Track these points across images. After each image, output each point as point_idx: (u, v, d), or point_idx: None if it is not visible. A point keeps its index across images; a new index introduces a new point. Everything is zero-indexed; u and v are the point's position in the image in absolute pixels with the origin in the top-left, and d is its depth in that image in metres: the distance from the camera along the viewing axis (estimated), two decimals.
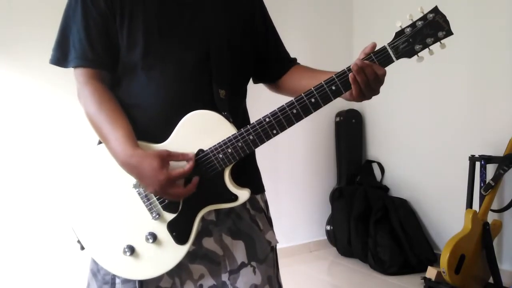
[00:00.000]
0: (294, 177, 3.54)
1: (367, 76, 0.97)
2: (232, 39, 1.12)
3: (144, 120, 1.06)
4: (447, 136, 3.07)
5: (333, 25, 3.72)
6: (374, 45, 0.99)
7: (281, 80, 1.24)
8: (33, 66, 2.52)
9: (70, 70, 1.09)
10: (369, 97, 1.02)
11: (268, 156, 3.11)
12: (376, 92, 1.01)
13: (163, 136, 1.03)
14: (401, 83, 3.30)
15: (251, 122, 1.04)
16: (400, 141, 3.45)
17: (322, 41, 3.64)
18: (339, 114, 3.67)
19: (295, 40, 3.42)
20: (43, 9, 2.52)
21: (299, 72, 1.22)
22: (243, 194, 1.03)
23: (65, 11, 1.08)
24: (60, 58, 1.07)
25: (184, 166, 1.00)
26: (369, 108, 3.70)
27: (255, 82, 1.28)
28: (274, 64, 1.23)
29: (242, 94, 1.19)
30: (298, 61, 1.27)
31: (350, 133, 3.66)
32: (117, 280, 1.08)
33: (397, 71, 0.99)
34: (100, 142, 1.07)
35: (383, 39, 1.00)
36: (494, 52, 2.76)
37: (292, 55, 1.28)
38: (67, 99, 2.50)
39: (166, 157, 0.99)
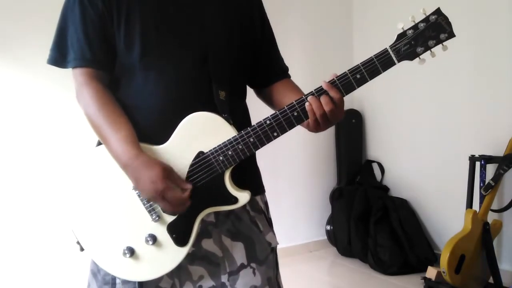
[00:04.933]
0: (294, 177, 3.54)
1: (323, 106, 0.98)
2: (231, 39, 1.12)
3: (143, 122, 1.05)
4: (447, 136, 3.07)
5: (333, 26, 3.71)
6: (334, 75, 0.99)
7: (267, 90, 1.23)
8: (33, 65, 2.51)
9: (70, 70, 1.09)
10: (324, 128, 1.02)
11: (268, 156, 3.11)
12: (332, 122, 1.01)
13: (163, 137, 1.03)
14: (401, 83, 3.30)
15: (252, 122, 1.03)
16: (400, 141, 3.45)
17: (322, 41, 3.63)
18: None
19: (295, 40, 3.43)
20: (42, 7, 2.51)
21: (284, 89, 1.20)
22: (243, 197, 1.03)
23: (63, 11, 1.08)
24: (58, 58, 1.07)
25: (183, 192, 0.99)
26: (369, 108, 3.69)
27: None
28: (263, 71, 1.22)
29: (241, 95, 1.19)
30: (297, 62, 1.26)
31: (350, 133, 3.66)
32: (117, 281, 1.08)
33: (397, 71, 0.99)
34: (99, 143, 1.07)
35: (383, 39, 1.00)
36: (494, 52, 2.75)
37: (292, 56, 1.27)
38: (67, 99, 2.49)
39: (169, 172, 0.98)
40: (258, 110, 1.24)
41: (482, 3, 2.80)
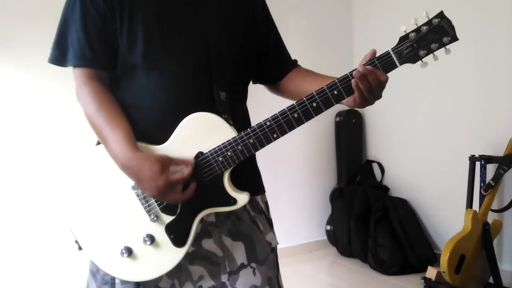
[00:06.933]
0: (294, 177, 3.54)
1: (370, 83, 0.95)
2: (233, 39, 1.11)
3: (143, 121, 1.05)
4: (447, 136, 3.06)
5: (333, 26, 3.71)
6: (374, 52, 0.97)
7: (282, 83, 1.22)
8: (33, 64, 2.51)
9: (70, 70, 1.09)
10: (371, 103, 1.01)
11: (268, 156, 3.10)
12: (378, 97, 1.00)
13: (163, 137, 1.03)
14: (402, 83, 3.29)
15: (252, 124, 1.03)
16: (400, 141, 3.45)
17: (322, 41, 3.63)
18: (339, 114, 3.67)
19: (295, 40, 3.42)
20: (44, 6, 2.50)
21: (300, 75, 1.20)
22: (242, 198, 1.03)
23: (64, 10, 1.07)
24: (59, 57, 1.07)
25: (183, 170, 0.99)
26: (369, 108, 3.66)
27: (254, 82, 1.26)
28: (274, 65, 1.22)
29: (243, 96, 1.18)
30: (298, 62, 1.26)
31: (350, 133, 3.66)
32: (117, 281, 1.08)
33: (398, 71, 0.98)
34: (99, 143, 1.06)
35: (383, 39, 0.99)
36: (494, 52, 2.75)
37: (292, 56, 1.27)
38: (67, 98, 2.49)
39: (166, 162, 0.98)
40: (258, 112, 1.24)
41: (482, 3, 2.79)
